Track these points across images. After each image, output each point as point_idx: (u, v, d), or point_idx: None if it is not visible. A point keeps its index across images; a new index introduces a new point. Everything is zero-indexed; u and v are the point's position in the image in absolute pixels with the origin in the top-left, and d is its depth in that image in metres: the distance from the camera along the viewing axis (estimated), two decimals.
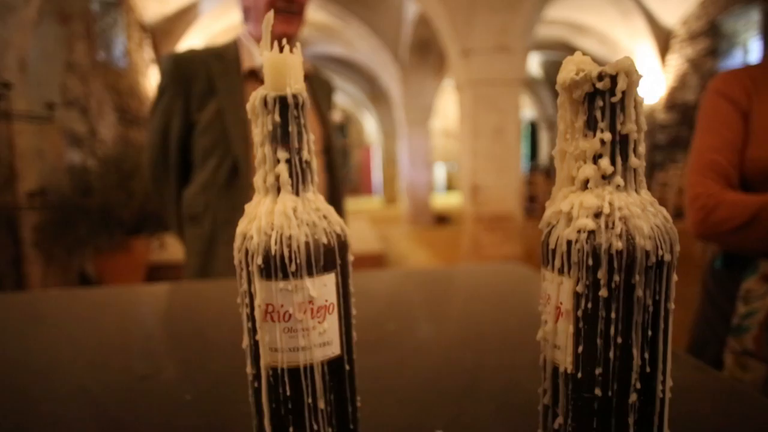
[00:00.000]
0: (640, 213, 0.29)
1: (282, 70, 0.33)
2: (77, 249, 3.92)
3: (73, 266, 4.22)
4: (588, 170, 0.30)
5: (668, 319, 0.29)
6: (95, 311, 0.86)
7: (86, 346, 0.66)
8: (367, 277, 1.04)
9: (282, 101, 0.33)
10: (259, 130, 0.33)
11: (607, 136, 0.29)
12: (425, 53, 7.17)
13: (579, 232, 0.29)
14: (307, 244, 0.32)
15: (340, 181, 1.25)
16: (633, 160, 0.30)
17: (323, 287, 0.33)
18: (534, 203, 7.71)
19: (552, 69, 11.29)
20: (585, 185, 0.30)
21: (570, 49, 8.66)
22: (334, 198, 1.22)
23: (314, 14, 6.82)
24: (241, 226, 0.34)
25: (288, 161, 0.33)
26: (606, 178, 0.30)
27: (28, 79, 3.72)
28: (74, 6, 4.09)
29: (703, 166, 0.88)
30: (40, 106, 3.67)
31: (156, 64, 6.68)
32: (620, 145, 0.29)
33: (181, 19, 6.36)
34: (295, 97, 0.33)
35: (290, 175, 0.33)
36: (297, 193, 0.34)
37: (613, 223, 0.28)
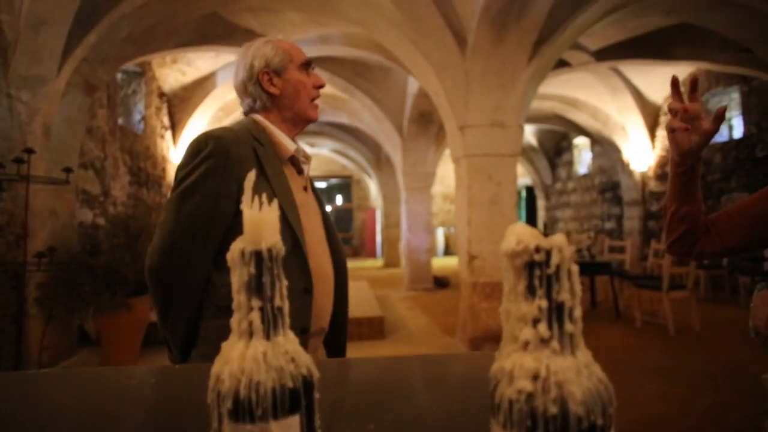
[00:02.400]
0: (574, 378, 0.31)
1: (259, 225, 0.37)
2: (79, 307, 3.88)
3: (73, 324, 4.16)
4: (528, 333, 0.33)
5: None
6: (81, 395, 0.85)
7: None
8: (359, 363, 1.04)
9: (257, 255, 0.37)
10: (237, 279, 0.37)
11: (544, 303, 0.33)
12: (426, 124, 7.49)
13: (519, 392, 0.32)
14: (273, 389, 0.35)
15: (344, 278, 1.17)
16: (568, 326, 0.33)
17: (288, 428, 0.35)
18: None
19: (546, 138, 11.74)
20: (526, 346, 0.33)
21: (564, 121, 9.06)
22: (340, 304, 1.14)
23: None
24: (216, 367, 0.37)
25: (261, 309, 0.37)
26: (544, 341, 0.33)
27: (50, 145, 3.88)
28: (100, 77, 4.35)
29: None
30: (58, 170, 3.79)
31: (169, 130, 6.98)
32: (556, 312, 0.33)
33: (199, 88, 6.74)
34: (269, 250, 0.37)
35: (262, 321, 0.36)
36: (268, 338, 0.37)
37: (549, 387, 0.31)
